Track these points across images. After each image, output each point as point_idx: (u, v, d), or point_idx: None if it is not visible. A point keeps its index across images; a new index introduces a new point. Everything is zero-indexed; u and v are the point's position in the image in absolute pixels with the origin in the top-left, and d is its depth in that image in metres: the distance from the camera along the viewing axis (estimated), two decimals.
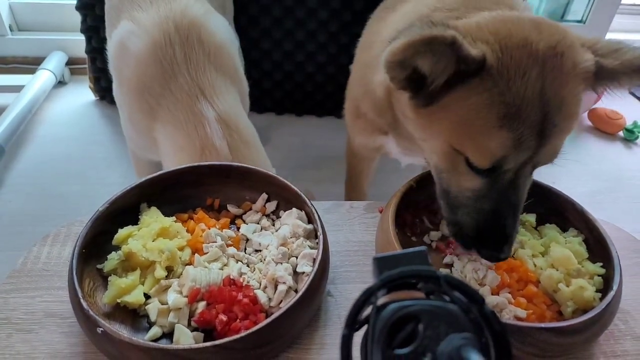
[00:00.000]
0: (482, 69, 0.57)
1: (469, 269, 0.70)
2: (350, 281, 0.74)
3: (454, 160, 0.65)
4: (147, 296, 0.65)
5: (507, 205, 0.63)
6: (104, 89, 1.89)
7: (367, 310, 0.29)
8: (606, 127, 1.89)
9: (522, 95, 0.57)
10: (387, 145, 0.97)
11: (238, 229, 0.76)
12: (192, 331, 0.62)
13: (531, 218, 0.77)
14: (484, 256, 0.64)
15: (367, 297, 0.29)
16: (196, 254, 0.69)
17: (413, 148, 0.86)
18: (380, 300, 0.29)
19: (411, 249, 0.32)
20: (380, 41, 0.82)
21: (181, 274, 0.67)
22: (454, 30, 0.55)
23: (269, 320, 0.56)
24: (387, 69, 0.57)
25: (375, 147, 1.02)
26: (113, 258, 0.67)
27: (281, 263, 0.68)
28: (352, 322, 0.29)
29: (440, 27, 0.55)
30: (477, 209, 0.64)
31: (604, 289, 0.64)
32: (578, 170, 1.69)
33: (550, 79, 0.57)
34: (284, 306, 0.58)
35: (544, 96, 0.57)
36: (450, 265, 0.73)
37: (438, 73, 0.59)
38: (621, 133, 1.89)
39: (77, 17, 1.73)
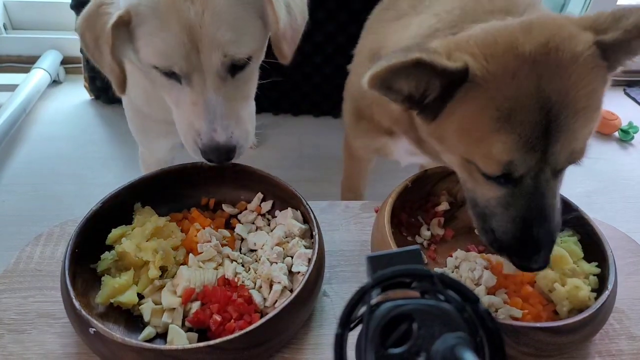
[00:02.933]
0: (466, 79, 0.58)
1: (465, 268, 0.69)
2: (346, 281, 0.74)
3: (469, 170, 0.65)
4: (141, 296, 0.65)
5: (535, 212, 0.61)
6: (98, 89, 1.88)
7: (362, 310, 0.29)
8: (601, 128, 1.90)
9: (514, 97, 0.56)
10: (389, 147, 0.96)
11: (233, 228, 0.75)
12: (186, 331, 0.62)
13: None
14: (516, 265, 0.63)
15: (360, 296, 0.29)
16: (190, 254, 0.68)
17: (425, 150, 0.86)
18: (374, 300, 0.29)
19: (405, 248, 0.32)
20: (394, 47, 0.81)
21: (175, 274, 0.66)
22: (420, 52, 0.56)
23: (263, 320, 0.56)
24: (376, 92, 0.59)
25: (376, 148, 1.01)
26: (106, 258, 0.66)
27: (276, 263, 0.67)
28: (346, 322, 0.28)
29: (400, 54, 0.56)
30: (505, 217, 0.63)
31: (599, 289, 0.64)
32: (573, 170, 1.69)
33: (547, 76, 0.56)
34: (279, 306, 0.58)
35: (542, 94, 0.56)
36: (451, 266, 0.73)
37: (422, 91, 0.60)
38: (616, 134, 1.90)
39: (72, 16, 1.72)
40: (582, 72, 0.57)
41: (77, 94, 1.96)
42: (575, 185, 1.62)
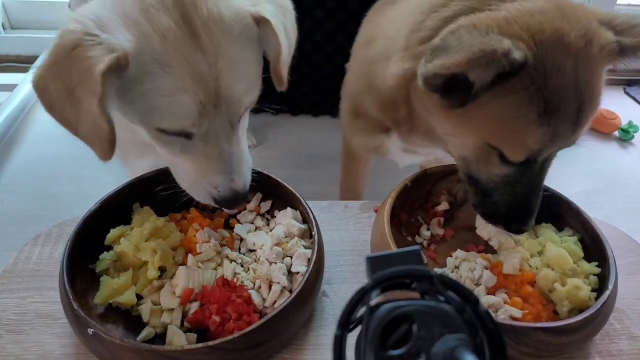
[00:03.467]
0: (523, 69, 0.57)
1: (465, 268, 0.69)
2: (346, 281, 0.73)
3: (486, 154, 0.66)
4: (139, 296, 0.65)
5: (535, 186, 0.66)
6: None
7: (361, 311, 0.29)
8: (601, 127, 1.89)
9: (558, 90, 0.57)
10: (386, 145, 0.96)
11: (232, 228, 0.75)
12: (185, 332, 0.62)
13: None
14: (511, 230, 0.69)
15: (360, 297, 0.29)
16: (189, 254, 0.68)
17: (419, 145, 0.86)
18: (374, 301, 0.29)
19: (404, 248, 0.32)
20: (383, 37, 0.81)
21: (174, 274, 0.66)
22: (503, 40, 0.54)
23: (262, 320, 0.56)
24: (431, 78, 0.57)
25: (374, 146, 1.01)
26: (105, 258, 0.66)
27: (275, 263, 0.67)
28: (345, 323, 0.28)
29: (493, 37, 0.54)
30: (508, 191, 0.67)
31: (599, 289, 0.64)
32: (573, 169, 1.69)
33: (582, 69, 0.58)
34: (279, 306, 0.58)
35: (579, 87, 0.58)
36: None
37: (484, 79, 0.58)
38: (616, 133, 1.89)
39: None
40: (603, 65, 0.60)
41: None
42: (575, 184, 1.62)
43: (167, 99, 0.56)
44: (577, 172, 1.67)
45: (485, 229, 0.76)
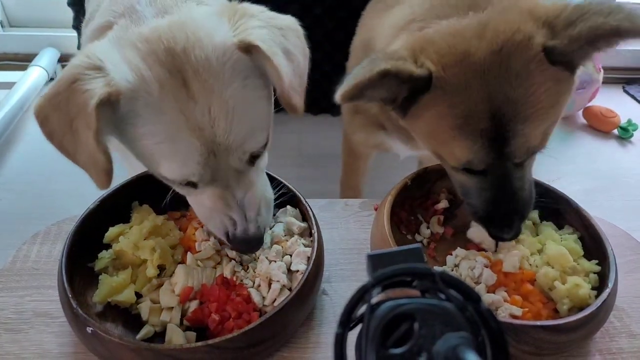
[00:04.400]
0: (430, 84, 0.60)
1: (465, 266, 0.69)
2: (346, 279, 0.73)
3: (442, 161, 0.71)
4: (138, 295, 0.64)
5: (503, 194, 0.66)
6: None
7: (362, 309, 0.29)
8: (601, 125, 1.89)
9: (467, 106, 0.59)
10: (387, 141, 0.97)
11: None
12: (184, 330, 0.61)
13: (534, 214, 0.77)
14: (492, 235, 0.69)
15: (361, 295, 0.28)
16: (189, 252, 0.68)
17: (414, 144, 0.88)
18: (375, 299, 0.29)
19: (405, 246, 0.32)
20: (379, 37, 0.81)
21: (173, 273, 0.66)
22: (387, 61, 0.58)
23: (262, 319, 0.56)
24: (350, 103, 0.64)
25: (375, 143, 1.01)
26: (104, 256, 0.66)
27: (275, 261, 0.67)
28: (346, 321, 0.28)
29: (367, 67, 0.57)
30: (480, 197, 0.68)
31: (599, 287, 0.64)
32: (572, 168, 1.69)
33: (497, 85, 0.58)
34: (278, 305, 0.58)
35: (493, 103, 0.58)
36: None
37: (392, 94, 0.64)
38: (616, 131, 1.89)
39: (69, 13, 1.71)
40: (533, 77, 0.58)
41: None
42: (574, 183, 1.62)
43: (162, 146, 0.56)
44: (577, 171, 1.67)
45: (474, 232, 0.76)
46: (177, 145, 0.55)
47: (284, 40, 0.61)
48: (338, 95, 0.58)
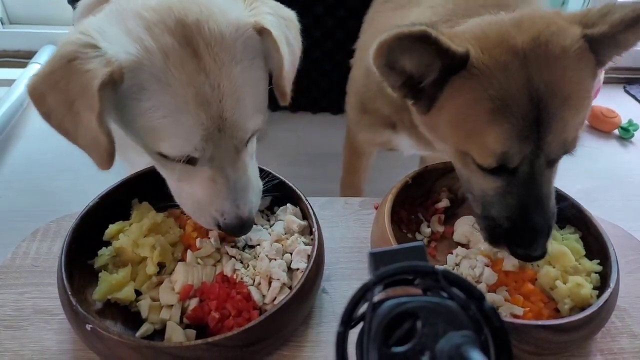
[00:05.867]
0: (466, 66, 0.59)
1: (466, 265, 0.69)
2: (346, 278, 0.73)
3: (465, 162, 0.66)
4: (138, 292, 0.64)
5: (532, 200, 0.62)
6: None
7: (363, 308, 0.29)
8: (602, 126, 1.89)
9: (506, 88, 0.58)
10: (394, 139, 0.96)
11: None
12: (184, 328, 0.61)
13: None
14: (517, 256, 0.64)
15: (363, 293, 0.28)
16: (189, 250, 0.68)
17: (425, 143, 0.86)
18: (377, 297, 0.28)
19: (408, 244, 0.32)
20: None
21: (173, 270, 0.66)
22: (427, 27, 0.57)
23: (262, 317, 0.56)
24: (379, 73, 0.60)
25: (381, 141, 1.01)
26: (104, 254, 0.66)
27: (275, 259, 0.67)
28: (348, 319, 0.28)
29: (409, 25, 0.57)
30: (503, 205, 0.64)
31: (601, 287, 0.64)
32: (573, 168, 1.69)
33: (537, 68, 0.58)
34: (278, 303, 0.57)
35: (532, 86, 0.58)
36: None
37: (423, 69, 0.61)
38: (616, 131, 1.89)
39: (69, 11, 1.71)
40: (571, 64, 0.59)
41: None
42: (575, 182, 1.62)
43: (167, 120, 0.54)
44: (578, 171, 1.67)
45: (460, 231, 0.76)
46: (184, 118, 0.54)
47: (287, 30, 0.63)
48: (375, 46, 0.57)
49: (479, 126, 0.60)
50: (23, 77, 1.81)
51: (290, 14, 0.67)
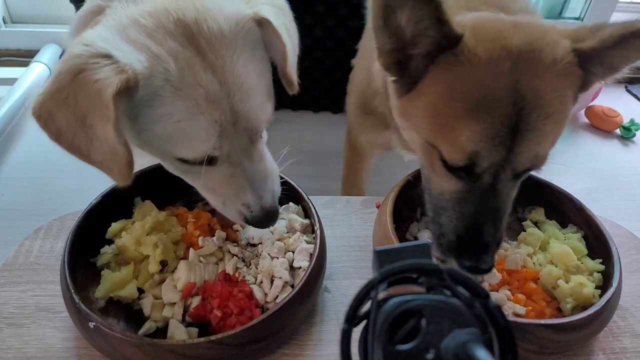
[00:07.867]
0: (457, 47, 0.57)
1: None
2: (348, 277, 0.73)
3: (431, 157, 0.63)
4: (141, 290, 0.64)
5: (487, 211, 0.60)
6: None
7: (367, 305, 0.29)
8: (603, 125, 1.89)
9: (492, 87, 0.56)
10: (394, 141, 0.96)
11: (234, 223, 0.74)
12: (186, 326, 0.61)
13: (539, 213, 0.77)
14: (463, 267, 0.60)
15: (367, 290, 0.28)
16: (191, 248, 0.68)
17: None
18: (381, 295, 0.28)
19: (414, 242, 0.31)
20: None
21: (176, 269, 0.66)
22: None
23: (264, 315, 0.56)
24: (374, 23, 0.57)
25: (382, 142, 1.00)
26: (106, 252, 0.66)
27: (277, 258, 0.67)
28: (353, 317, 0.28)
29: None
30: (457, 212, 0.62)
31: (603, 286, 0.64)
32: (575, 167, 1.69)
33: (526, 73, 0.56)
34: (280, 302, 0.57)
35: (518, 91, 0.56)
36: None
37: (416, 33, 0.58)
38: (618, 131, 1.89)
39: (71, 10, 1.71)
40: (559, 77, 0.58)
41: None
42: (577, 182, 1.61)
43: (182, 124, 0.54)
44: (579, 170, 1.67)
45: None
46: (198, 119, 0.54)
47: (284, 19, 0.63)
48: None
49: (455, 120, 0.57)
50: (25, 76, 1.81)
51: (283, 3, 0.67)
